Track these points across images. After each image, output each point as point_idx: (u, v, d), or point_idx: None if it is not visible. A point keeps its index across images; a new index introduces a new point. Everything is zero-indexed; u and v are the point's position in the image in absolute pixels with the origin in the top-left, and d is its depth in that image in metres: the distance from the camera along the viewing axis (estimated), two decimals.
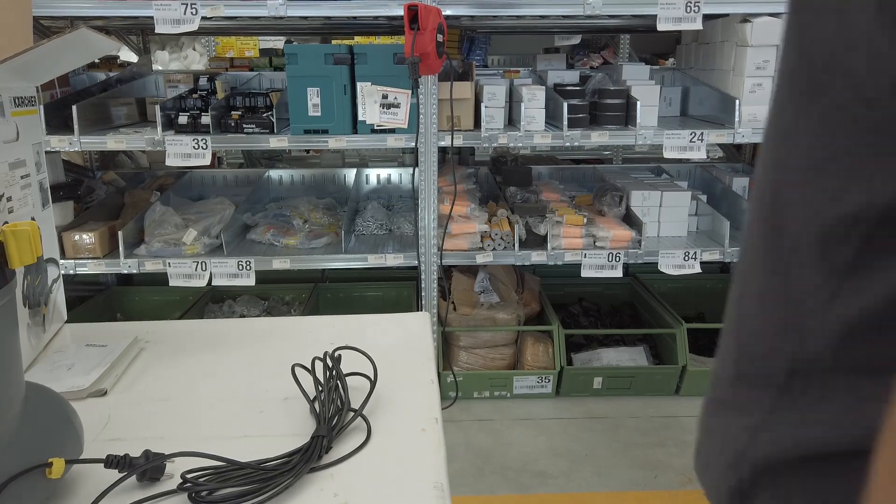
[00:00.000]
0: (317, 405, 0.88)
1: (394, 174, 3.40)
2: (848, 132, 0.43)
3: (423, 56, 2.21)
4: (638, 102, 2.53)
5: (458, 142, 2.51)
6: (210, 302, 3.27)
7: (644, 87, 2.62)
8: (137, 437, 0.85)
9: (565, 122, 2.49)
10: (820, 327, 0.48)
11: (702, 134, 2.47)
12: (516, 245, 2.62)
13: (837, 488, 0.48)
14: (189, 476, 0.73)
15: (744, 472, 0.55)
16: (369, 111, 2.48)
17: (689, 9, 2.31)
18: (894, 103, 0.40)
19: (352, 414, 0.87)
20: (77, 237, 2.51)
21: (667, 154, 2.50)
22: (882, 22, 0.40)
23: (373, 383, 0.92)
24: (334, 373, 0.91)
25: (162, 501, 0.73)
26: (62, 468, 0.70)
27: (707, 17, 2.55)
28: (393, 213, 3.02)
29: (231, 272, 2.52)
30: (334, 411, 0.85)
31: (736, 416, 0.56)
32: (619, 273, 2.61)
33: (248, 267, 2.52)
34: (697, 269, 2.62)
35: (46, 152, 1.13)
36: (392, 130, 2.50)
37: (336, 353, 0.95)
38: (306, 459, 0.77)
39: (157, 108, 2.50)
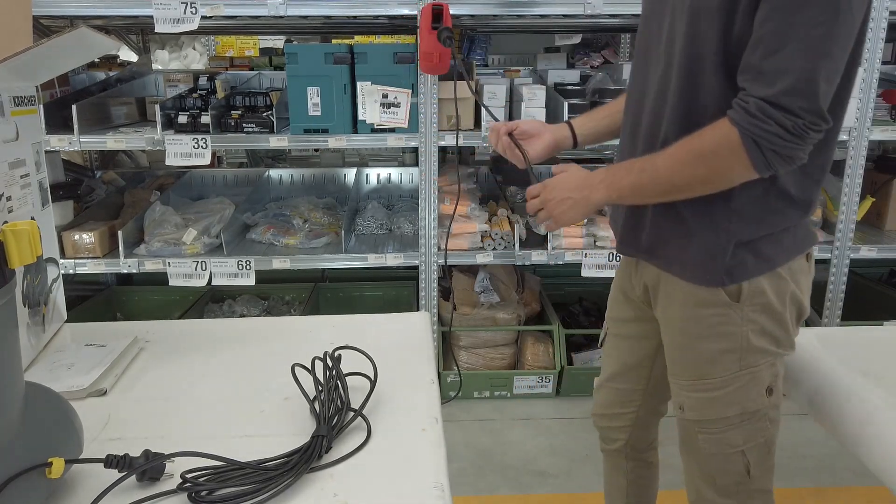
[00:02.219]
0: (317, 405, 0.88)
1: (394, 174, 3.40)
2: None
3: (441, 55, 2.22)
4: None
5: (459, 141, 2.51)
6: (210, 302, 3.27)
7: None
8: (137, 437, 0.85)
9: None
10: None
11: None
12: (517, 245, 2.62)
13: None
14: (189, 476, 0.73)
15: None
16: (369, 111, 2.47)
17: None
18: None
19: (352, 414, 0.87)
20: (77, 237, 2.51)
21: None
22: None
23: (373, 383, 0.92)
24: (334, 373, 0.91)
25: (162, 501, 0.73)
26: (62, 468, 0.70)
27: None
28: (393, 213, 3.02)
29: (231, 272, 2.52)
30: (334, 411, 0.85)
31: None
32: None
33: (247, 266, 2.52)
34: None
35: (46, 152, 1.12)
36: (392, 130, 2.50)
37: (336, 353, 0.95)
38: (306, 459, 0.77)
39: (157, 107, 2.49)
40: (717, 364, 1.15)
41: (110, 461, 0.74)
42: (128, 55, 3.95)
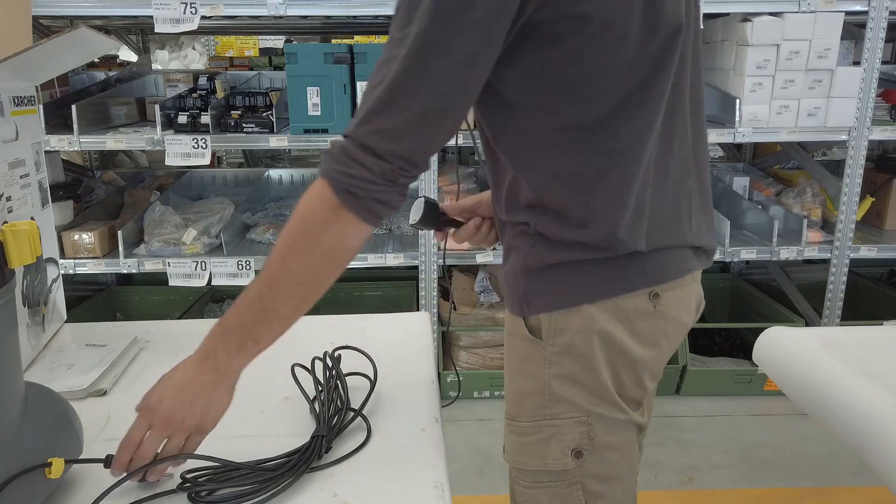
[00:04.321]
0: (316, 405, 0.88)
1: None
2: None
3: None
4: None
5: (459, 141, 2.51)
6: (210, 302, 3.27)
7: None
8: None
9: None
10: None
11: None
12: None
13: None
14: (189, 476, 0.73)
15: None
16: None
17: None
18: None
19: (352, 414, 0.87)
20: (77, 237, 2.51)
21: None
22: None
23: (373, 383, 0.92)
24: (334, 373, 0.91)
25: (162, 501, 0.73)
26: (62, 468, 0.70)
27: (707, 17, 2.55)
28: (393, 213, 3.02)
29: (231, 272, 2.52)
30: (334, 411, 0.85)
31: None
32: None
33: (247, 266, 2.52)
34: None
35: (46, 152, 1.12)
36: None
37: (336, 353, 0.95)
38: (306, 459, 0.76)
39: (157, 107, 2.49)
40: (524, 405, 1.00)
41: (110, 461, 0.74)
42: (127, 55, 3.95)
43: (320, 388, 0.89)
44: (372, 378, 0.92)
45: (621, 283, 0.95)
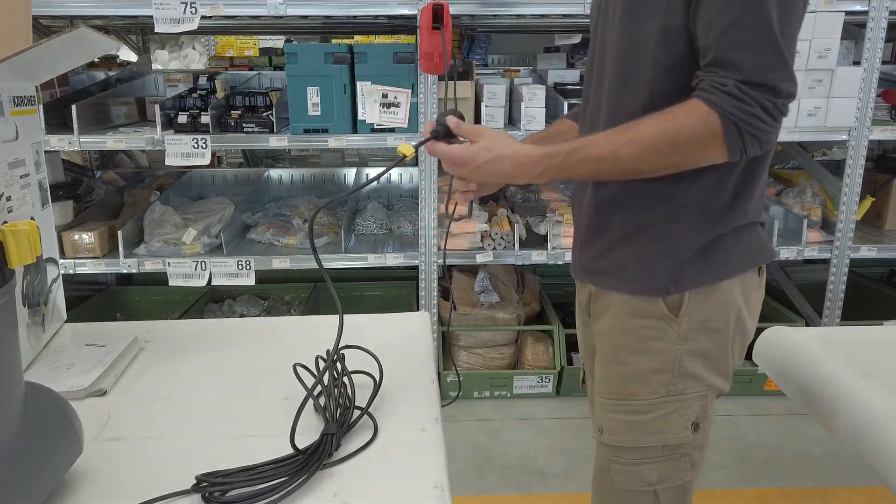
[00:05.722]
0: (321, 403, 0.88)
1: (394, 174, 3.40)
2: None
3: (441, 55, 2.22)
4: None
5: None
6: (210, 302, 3.27)
7: None
8: (137, 437, 0.85)
9: None
10: None
11: None
12: (516, 245, 2.62)
13: None
14: (203, 476, 0.73)
15: None
16: (369, 110, 2.47)
17: None
18: None
19: (358, 412, 0.87)
20: (77, 237, 2.51)
21: None
22: None
23: (377, 383, 0.92)
24: (341, 371, 0.91)
25: (176, 501, 0.72)
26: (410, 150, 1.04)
27: None
28: (393, 213, 3.02)
29: (231, 272, 2.52)
30: (342, 409, 0.85)
31: None
32: None
33: (247, 266, 2.52)
34: None
35: (46, 152, 1.12)
36: (392, 130, 2.50)
37: (340, 352, 0.95)
38: (318, 457, 0.76)
39: (157, 107, 2.49)
40: (645, 384, 1.05)
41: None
42: (127, 55, 3.95)
43: (325, 386, 0.89)
44: (377, 378, 0.92)
45: (756, 256, 1.06)
